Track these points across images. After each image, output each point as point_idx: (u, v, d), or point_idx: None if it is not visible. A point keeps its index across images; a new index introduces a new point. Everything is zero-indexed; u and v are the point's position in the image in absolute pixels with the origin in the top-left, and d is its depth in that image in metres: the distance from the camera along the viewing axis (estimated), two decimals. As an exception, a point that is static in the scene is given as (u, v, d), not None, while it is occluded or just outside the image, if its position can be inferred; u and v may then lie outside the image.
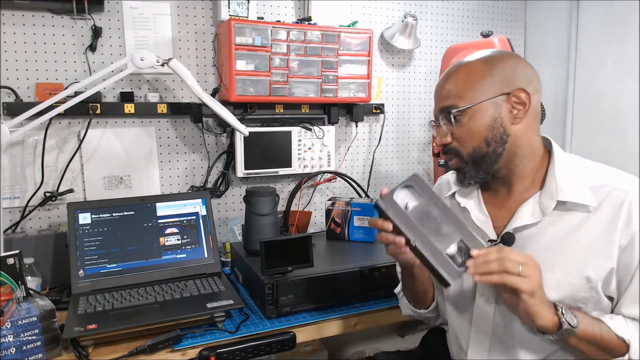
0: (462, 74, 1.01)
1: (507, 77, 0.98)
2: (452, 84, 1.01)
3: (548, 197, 0.99)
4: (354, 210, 1.66)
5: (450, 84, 1.02)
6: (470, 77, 1.00)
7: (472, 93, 0.99)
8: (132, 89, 1.75)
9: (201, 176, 1.90)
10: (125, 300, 1.28)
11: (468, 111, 0.99)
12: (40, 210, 1.66)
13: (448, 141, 1.03)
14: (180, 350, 1.17)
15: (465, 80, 1.00)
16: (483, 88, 0.98)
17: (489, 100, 0.98)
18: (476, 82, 0.99)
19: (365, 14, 2.10)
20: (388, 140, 2.23)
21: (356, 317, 1.35)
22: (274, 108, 1.93)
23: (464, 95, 0.99)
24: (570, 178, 0.99)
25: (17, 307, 1.12)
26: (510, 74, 0.99)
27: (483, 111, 0.98)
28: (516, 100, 0.98)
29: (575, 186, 0.97)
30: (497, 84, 0.98)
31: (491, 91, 0.98)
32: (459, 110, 0.99)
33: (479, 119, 0.98)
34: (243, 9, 1.76)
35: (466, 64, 1.02)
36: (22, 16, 1.59)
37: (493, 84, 0.98)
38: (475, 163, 1.01)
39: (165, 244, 1.47)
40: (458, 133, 1.01)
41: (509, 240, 1.00)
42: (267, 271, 1.28)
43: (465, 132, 1.00)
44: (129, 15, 1.71)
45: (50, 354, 1.11)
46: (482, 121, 0.98)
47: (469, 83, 0.99)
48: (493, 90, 0.98)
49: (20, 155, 1.63)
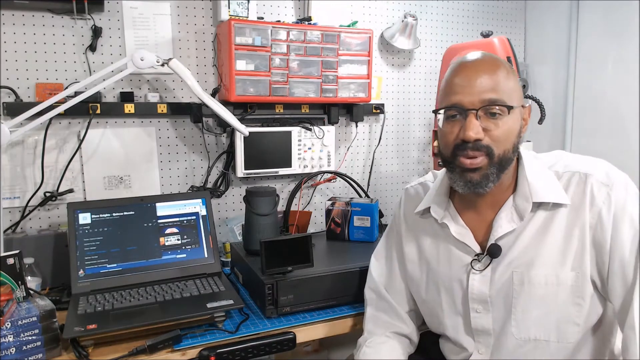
0: (503, 71, 0.96)
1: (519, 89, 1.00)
2: (500, 77, 0.95)
3: (523, 199, 0.99)
4: (354, 210, 1.66)
5: (499, 77, 0.95)
6: (512, 78, 0.98)
7: (515, 95, 0.97)
8: (132, 89, 1.75)
9: (201, 176, 1.90)
10: (125, 300, 1.28)
11: (512, 111, 0.96)
12: (40, 210, 1.66)
13: (482, 135, 0.95)
14: (180, 350, 1.17)
15: (510, 79, 0.97)
16: (518, 93, 0.98)
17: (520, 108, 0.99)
18: (516, 86, 0.98)
19: (365, 14, 2.10)
20: (388, 140, 2.23)
21: (356, 317, 1.35)
22: (274, 108, 1.93)
23: (510, 94, 0.96)
24: (540, 177, 0.99)
25: (17, 307, 1.12)
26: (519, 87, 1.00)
27: (516, 116, 0.97)
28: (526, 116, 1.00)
29: (547, 185, 0.98)
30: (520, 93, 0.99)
31: (520, 99, 0.99)
32: (506, 106, 0.94)
33: (514, 122, 0.97)
34: (243, 9, 1.76)
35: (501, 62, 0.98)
36: (22, 16, 1.59)
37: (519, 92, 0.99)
38: (501, 166, 0.97)
39: (165, 244, 1.47)
40: (493, 131, 0.95)
41: (495, 252, 1.00)
42: (267, 271, 1.28)
43: (502, 132, 0.95)
44: (129, 15, 1.71)
45: (50, 354, 1.11)
46: (516, 126, 0.97)
47: (513, 83, 0.97)
48: (520, 99, 0.99)
49: (20, 155, 1.63)
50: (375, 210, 1.66)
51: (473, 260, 1.03)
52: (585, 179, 0.96)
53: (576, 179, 0.97)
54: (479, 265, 1.03)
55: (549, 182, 0.98)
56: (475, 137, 0.94)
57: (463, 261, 1.06)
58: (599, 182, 0.94)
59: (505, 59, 1.75)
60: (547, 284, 0.96)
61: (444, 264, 1.09)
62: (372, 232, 1.65)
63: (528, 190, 0.98)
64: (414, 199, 1.18)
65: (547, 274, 0.97)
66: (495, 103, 0.94)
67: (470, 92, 0.95)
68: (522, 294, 0.98)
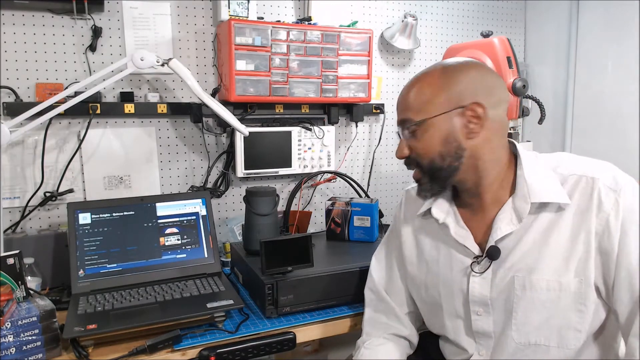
0: (420, 85, 1.01)
1: (464, 90, 0.97)
2: (410, 96, 1.01)
3: (522, 200, 0.98)
4: (354, 210, 1.66)
5: (409, 96, 1.01)
6: (426, 90, 0.99)
7: (427, 106, 0.98)
8: (132, 89, 1.75)
9: (201, 176, 1.90)
10: (125, 300, 1.28)
11: (422, 125, 0.99)
12: (40, 210, 1.66)
13: (406, 154, 1.03)
14: (180, 350, 1.17)
15: (422, 93, 0.99)
16: (439, 101, 0.97)
17: (443, 114, 0.97)
18: (432, 95, 0.98)
19: (365, 14, 2.10)
20: (388, 140, 2.23)
21: (356, 317, 1.35)
22: (274, 108, 1.93)
23: (420, 109, 0.99)
24: (540, 178, 0.98)
25: (17, 307, 1.12)
26: (469, 85, 0.97)
27: (436, 125, 0.98)
28: (472, 114, 0.96)
29: (546, 185, 0.96)
30: (453, 98, 0.97)
31: (446, 105, 0.97)
32: (413, 124, 0.99)
33: (432, 133, 0.98)
34: (243, 9, 1.76)
35: (425, 75, 1.01)
36: (22, 16, 1.59)
37: (449, 97, 0.97)
38: (432, 176, 1.02)
39: (165, 244, 1.47)
40: (415, 146, 1.01)
41: (494, 254, 0.99)
42: (267, 271, 1.28)
43: (421, 146, 1.00)
44: (129, 15, 1.71)
45: (50, 354, 1.11)
46: (436, 135, 0.98)
47: (425, 96, 0.99)
48: (448, 104, 0.97)
49: (20, 155, 1.63)
50: (375, 210, 1.66)
51: (472, 263, 1.03)
52: (592, 183, 0.93)
53: (583, 183, 0.95)
54: (478, 268, 1.02)
55: (549, 183, 0.97)
56: (400, 156, 1.05)
57: (463, 263, 1.05)
58: (606, 187, 0.92)
59: (505, 59, 1.75)
60: (549, 289, 0.95)
61: (444, 266, 1.09)
62: (372, 232, 1.65)
63: (526, 190, 0.97)
64: (415, 200, 1.17)
65: (549, 279, 0.95)
66: (403, 123, 1.02)
67: (397, 115, 1.06)
68: (523, 299, 0.97)
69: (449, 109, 0.97)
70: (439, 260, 1.10)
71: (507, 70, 1.74)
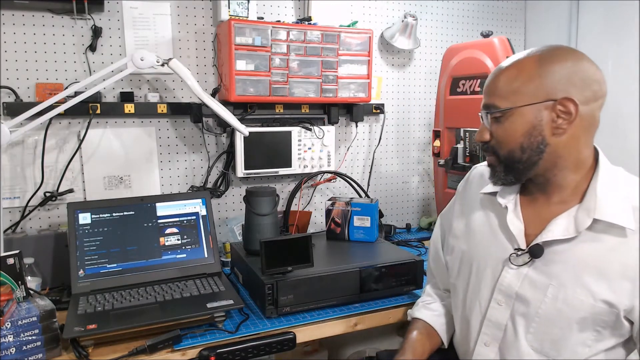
0: (512, 71, 0.96)
1: (557, 82, 0.92)
2: (499, 81, 0.98)
3: (585, 213, 0.93)
4: (354, 210, 1.66)
5: (498, 81, 0.98)
6: (517, 77, 0.95)
7: (516, 95, 0.94)
8: (132, 89, 1.75)
9: (201, 176, 1.90)
10: (125, 300, 1.28)
11: (507, 113, 0.95)
12: (40, 210, 1.66)
13: (486, 139, 1.01)
14: (180, 350, 1.17)
15: (512, 80, 0.95)
16: (529, 90, 0.93)
17: (531, 105, 0.93)
18: (523, 84, 0.94)
19: (365, 14, 2.11)
20: (388, 140, 2.23)
21: (356, 317, 1.35)
22: (274, 108, 1.93)
23: (507, 96, 0.95)
24: (612, 195, 0.92)
25: (17, 307, 1.12)
26: (563, 77, 0.92)
27: (522, 116, 0.94)
28: (562, 109, 0.91)
29: (616, 205, 0.91)
30: (544, 89, 0.92)
31: (535, 96, 0.93)
32: (498, 110, 0.96)
33: (517, 123, 0.95)
34: (243, 9, 1.76)
35: (519, 61, 0.97)
36: (22, 16, 1.59)
37: (540, 87, 0.92)
38: (508, 167, 0.99)
39: (165, 244, 1.47)
40: (496, 133, 0.99)
41: (537, 253, 0.97)
42: (267, 271, 1.28)
43: (502, 134, 0.97)
44: (129, 15, 1.71)
45: (50, 354, 1.11)
46: (520, 126, 0.95)
47: (515, 83, 0.95)
48: (538, 95, 0.93)
49: (20, 155, 1.63)
50: (375, 210, 1.66)
51: (512, 254, 1.00)
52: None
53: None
54: (516, 260, 1.00)
55: (620, 204, 0.91)
56: (479, 139, 1.02)
57: (505, 250, 1.02)
58: None
59: (505, 59, 1.75)
60: (579, 309, 0.92)
61: (486, 245, 1.07)
62: (372, 232, 1.65)
63: (594, 204, 0.92)
64: (481, 177, 1.15)
65: (584, 300, 0.92)
66: (488, 108, 0.99)
67: (483, 97, 1.02)
68: (551, 309, 0.95)
69: (538, 100, 0.93)
70: (482, 238, 1.09)
71: (507, 70, 1.74)
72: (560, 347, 0.95)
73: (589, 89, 0.92)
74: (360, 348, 2.19)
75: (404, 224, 2.25)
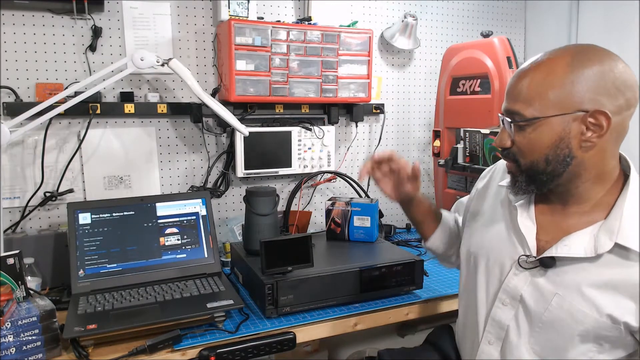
0: (540, 74, 0.87)
1: (588, 90, 0.84)
2: (525, 85, 0.88)
3: (607, 234, 0.87)
4: (354, 210, 1.66)
5: (524, 84, 0.89)
6: (545, 81, 0.86)
7: (543, 102, 0.86)
8: (132, 89, 1.75)
9: (201, 176, 1.90)
10: (125, 300, 1.28)
11: (533, 123, 0.87)
12: (40, 210, 1.66)
13: (507, 145, 0.93)
14: (180, 350, 1.17)
15: (539, 84, 0.86)
16: (557, 99, 0.85)
17: (559, 116, 0.85)
18: (551, 90, 0.85)
19: (365, 14, 2.11)
20: (388, 140, 2.23)
21: (356, 317, 1.35)
22: (274, 108, 1.93)
23: (533, 103, 0.87)
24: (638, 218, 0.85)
25: (17, 307, 1.12)
26: (596, 85, 0.84)
27: (549, 127, 0.86)
28: (593, 121, 0.84)
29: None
30: (575, 98, 0.84)
31: (565, 106, 0.85)
32: (523, 120, 0.88)
33: (543, 134, 0.87)
34: (243, 9, 1.76)
35: (549, 62, 0.88)
36: (22, 16, 1.59)
37: (570, 96, 0.84)
38: (530, 177, 0.93)
39: (165, 244, 1.47)
40: (519, 142, 0.91)
41: (548, 264, 0.92)
42: (267, 271, 1.28)
43: (526, 143, 0.90)
44: (129, 15, 1.71)
45: (50, 354, 1.11)
46: (546, 138, 0.87)
47: (543, 89, 0.86)
48: (568, 105, 0.84)
49: (20, 155, 1.63)
50: (375, 210, 1.66)
51: (521, 258, 0.97)
52: None
53: None
54: (525, 264, 0.96)
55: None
56: (500, 145, 0.95)
57: (516, 250, 0.99)
58: None
59: (505, 59, 1.75)
60: (583, 321, 0.89)
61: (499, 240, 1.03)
62: (372, 232, 1.65)
63: (617, 225, 0.86)
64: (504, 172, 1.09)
65: (587, 314, 0.88)
66: (511, 114, 0.90)
67: (505, 98, 0.94)
68: (556, 317, 0.92)
69: (567, 111, 0.85)
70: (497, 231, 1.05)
71: (507, 70, 1.74)
72: (561, 356, 0.94)
73: (623, 96, 0.85)
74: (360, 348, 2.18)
75: (404, 224, 2.25)
